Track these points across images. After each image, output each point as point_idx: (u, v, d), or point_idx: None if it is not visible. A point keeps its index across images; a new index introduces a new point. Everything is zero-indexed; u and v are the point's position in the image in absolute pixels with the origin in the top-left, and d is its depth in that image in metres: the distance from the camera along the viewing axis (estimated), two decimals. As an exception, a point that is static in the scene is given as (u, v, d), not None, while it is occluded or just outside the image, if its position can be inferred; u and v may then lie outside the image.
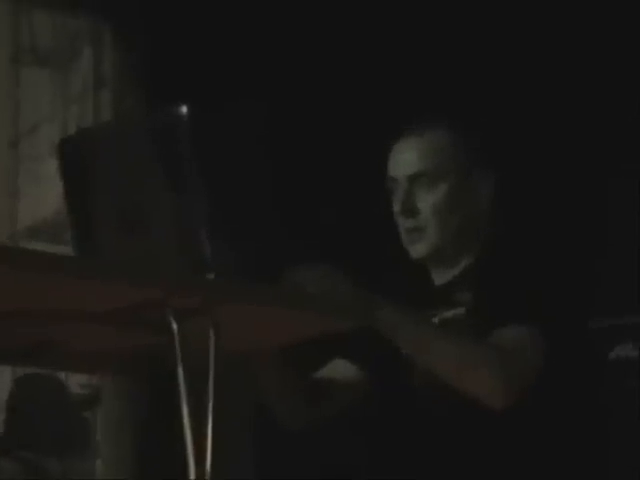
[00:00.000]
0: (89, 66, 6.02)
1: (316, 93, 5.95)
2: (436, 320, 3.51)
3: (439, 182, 3.49)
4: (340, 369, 3.60)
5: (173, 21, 5.65)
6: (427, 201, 3.47)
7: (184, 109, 2.87)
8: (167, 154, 2.97)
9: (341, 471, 3.95)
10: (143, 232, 2.84)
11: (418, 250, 3.52)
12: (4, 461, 5.36)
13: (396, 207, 3.56)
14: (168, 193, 2.88)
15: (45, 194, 3.49)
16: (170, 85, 4.56)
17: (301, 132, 5.63)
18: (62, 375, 6.79)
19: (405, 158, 3.53)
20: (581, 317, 3.68)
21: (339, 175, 4.43)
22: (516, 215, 3.95)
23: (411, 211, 3.50)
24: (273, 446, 4.74)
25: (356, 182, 4.31)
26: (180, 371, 2.77)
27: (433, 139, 3.54)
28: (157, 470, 4.25)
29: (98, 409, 5.86)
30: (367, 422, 3.74)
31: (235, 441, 3.33)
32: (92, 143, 3.08)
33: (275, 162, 4.59)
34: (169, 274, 2.86)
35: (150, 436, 4.69)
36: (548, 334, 3.24)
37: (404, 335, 3.26)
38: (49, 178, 3.27)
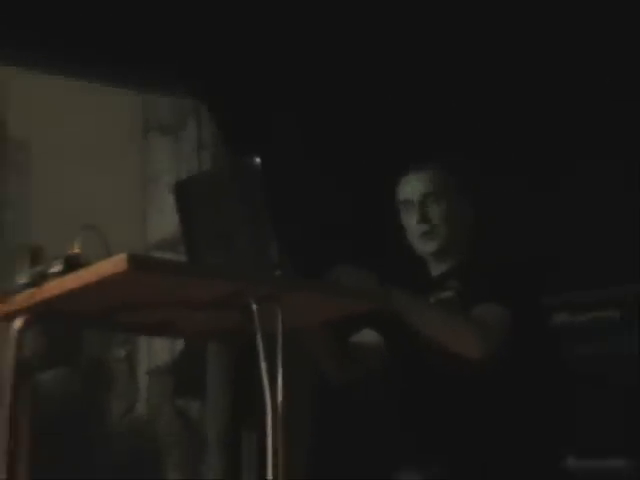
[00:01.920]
0: (193, 134, 6.29)
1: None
2: (433, 300, 3.68)
3: (442, 199, 3.68)
4: (367, 337, 3.79)
5: (248, 99, 5.71)
6: (436, 212, 3.68)
7: (257, 160, 3.04)
8: (246, 192, 3.11)
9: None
10: (230, 246, 3.02)
11: (430, 247, 3.72)
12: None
13: (411, 219, 3.74)
14: (247, 219, 3.06)
15: (166, 220, 3.69)
16: (247, 145, 4.68)
17: (326, 171, 5.48)
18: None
19: (416, 184, 3.73)
20: (534, 297, 3.75)
21: (356, 203, 4.48)
22: (488, 228, 3.87)
23: (425, 219, 3.68)
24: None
25: (367, 209, 4.37)
26: (259, 338, 2.90)
27: (432, 173, 3.74)
28: (245, 409, 4.30)
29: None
30: (386, 377, 3.83)
31: (297, 388, 3.46)
32: (196, 185, 3.29)
33: (306, 196, 4.61)
34: (250, 273, 3.04)
35: (240, 385, 4.71)
36: (510, 308, 3.42)
37: (412, 312, 3.43)
38: (168, 209, 3.47)
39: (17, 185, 11.53)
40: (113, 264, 2.76)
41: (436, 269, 3.83)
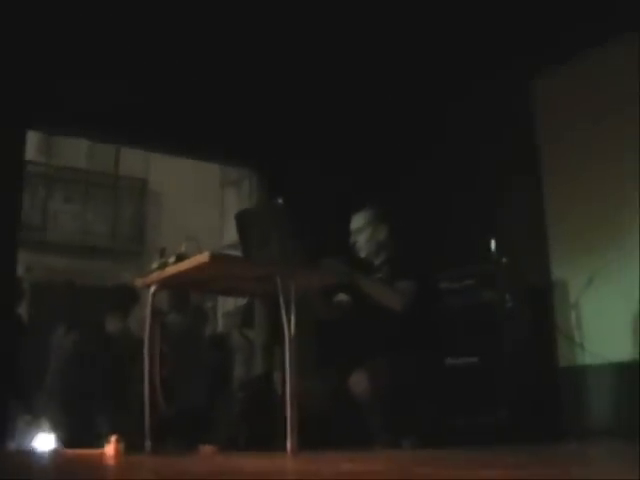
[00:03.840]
0: (247, 186, 6.79)
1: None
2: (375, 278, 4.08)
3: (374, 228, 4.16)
4: (341, 297, 4.18)
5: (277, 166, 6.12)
6: (372, 236, 4.18)
7: (280, 201, 3.67)
8: (276, 219, 3.68)
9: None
10: (266, 249, 3.55)
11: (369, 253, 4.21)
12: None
13: (361, 239, 4.21)
14: (277, 234, 3.59)
15: (233, 232, 3.98)
16: (276, 192, 4.74)
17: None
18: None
19: (360, 220, 4.21)
20: (429, 275, 4.29)
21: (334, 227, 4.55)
22: (400, 239, 4.28)
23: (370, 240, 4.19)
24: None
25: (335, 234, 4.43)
26: (281, 298, 3.48)
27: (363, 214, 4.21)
28: (275, 334, 4.36)
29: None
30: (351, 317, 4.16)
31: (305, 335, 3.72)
32: (248, 215, 3.83)
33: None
34: (276, 263, 3.54)
35: (273, 322, 4.83)
36: (415, 283, 3.95)
37: (365, 285, 3.94)
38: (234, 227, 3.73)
39: (154, 215, 12.51)
40: (202, 258, 3.42)
41: (375, 261, 4.23)
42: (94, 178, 12.65)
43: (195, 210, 11.60)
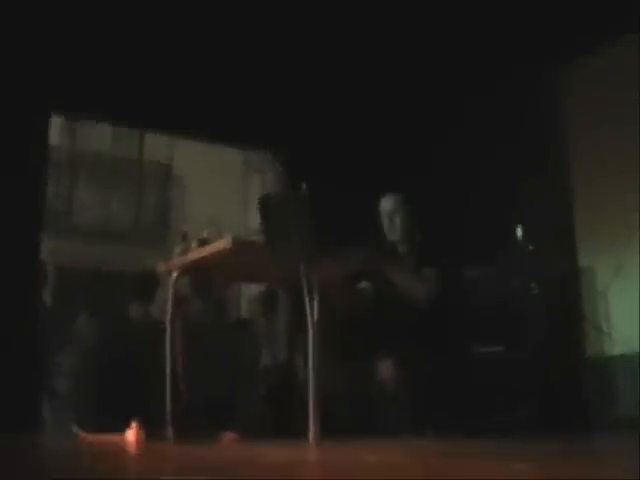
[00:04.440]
0: (271, 171, 6.74)
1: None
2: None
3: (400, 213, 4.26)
4: (365, 284, 4.20)
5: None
6: (398, 220, 4.27)
7: (304, 187, 3.67)
8: (300, 210, 3.68)
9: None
10: (288, 236, 3.55)
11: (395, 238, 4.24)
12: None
13: (387, 223, 4.28)
14: (297, 223, 3.65)
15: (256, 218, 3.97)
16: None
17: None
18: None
19: (387, 204, 4.29)
20: (454, 262, 4.40)
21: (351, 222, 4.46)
22: (426, 225, 4.33)
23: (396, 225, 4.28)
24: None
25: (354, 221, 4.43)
26: (304, 284, 3.52)
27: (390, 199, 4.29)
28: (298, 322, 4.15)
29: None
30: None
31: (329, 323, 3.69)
32: (271, 202, 3.80)
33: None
34: (298, 252, 3.57)
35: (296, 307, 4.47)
36: (439, 271, 4.06)
37: (389, 273, 4.03)
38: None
39: (178, 200, 12.52)
40: (224, 243, 3.43)
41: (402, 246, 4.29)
42: (118, 163, 12.68)
43: (219, 196, 11.60)
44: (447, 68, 6.06)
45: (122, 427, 3.92)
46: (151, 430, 3.75)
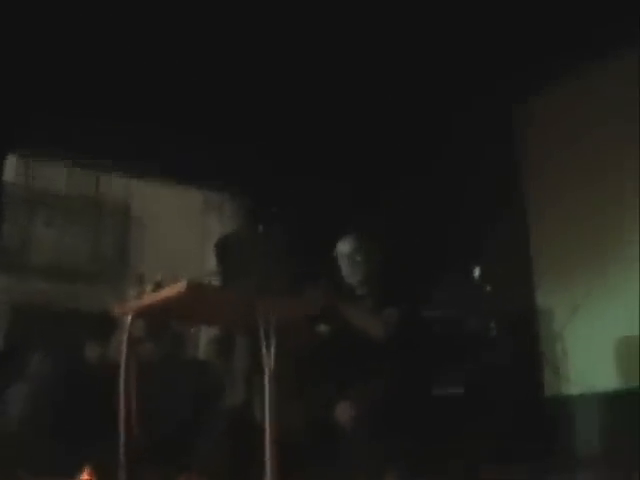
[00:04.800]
0: (229, 210, 6.79)
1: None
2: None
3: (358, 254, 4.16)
4: (324, 324, 4.13)
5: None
6: (356, 262, 4.17)
7: (261, 228, 3.75)
8: (256, 251, 3.86)
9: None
10: (246, 278, 3.64)
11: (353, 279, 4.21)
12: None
13: (345, 264, 4.20)
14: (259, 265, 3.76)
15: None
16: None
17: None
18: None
19: (345, 246, 4.21)
20: (413, 302, 4.29)
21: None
22: (385, 266, 4.26)
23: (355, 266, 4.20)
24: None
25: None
26: (261, 332, 3.45)
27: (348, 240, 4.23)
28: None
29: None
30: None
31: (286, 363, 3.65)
32: (227, 244, 3.92)
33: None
34: (257, 293, 3.67)
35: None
36: (398, 311, 3.94)
37: (348, 312, 3.96)
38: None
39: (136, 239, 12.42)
40: (179, 287, 3.36)
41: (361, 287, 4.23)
42: (75, 201, 12.58)
43: (177, 234, 11.54)
44: (398, 106, 6.12)
45: (72, 470, 3.83)
46: (104, 473, 3.68)
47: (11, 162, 8.71)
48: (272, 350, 3.43)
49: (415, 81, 5.88)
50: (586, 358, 5.37)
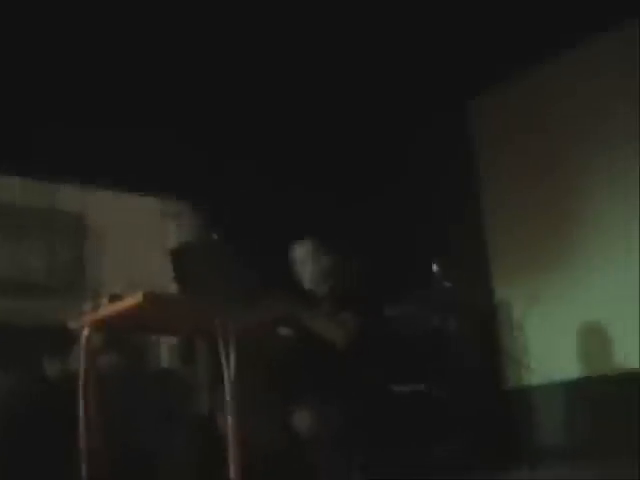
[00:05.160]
0: (187, 219, 6.67)
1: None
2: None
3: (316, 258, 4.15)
4: (284, 331, 4.08)
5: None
6: (314, 266, 4.16)
7: (215, 236, 3.71)
8: (212, 259, 3.70)
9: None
10: (202, 286, 3.50)
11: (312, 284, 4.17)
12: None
13: (303, 269, 4.19)
14: (216, 273, 3.57)
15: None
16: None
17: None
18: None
19: (302, 250, 4.19)
20: (374, 303, 4.34)
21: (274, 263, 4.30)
22: (343, 268, 4.22)
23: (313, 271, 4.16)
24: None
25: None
26: (220, 342, 3.39)
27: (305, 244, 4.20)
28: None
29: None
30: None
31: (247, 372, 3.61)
32: (182, 252, 3.77)
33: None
34: (215, 302, 3.49)
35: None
36: (358, 315, 3.90)
37: (307, 319, 3.90)
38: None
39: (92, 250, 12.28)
40: (135, 298, 3.30)
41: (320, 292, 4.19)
42: (28, 214, 12.39)
43: (134, 244, 11.42)
44: (348, 104, 6.07)
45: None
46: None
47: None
48: (232, 359, 3.39)
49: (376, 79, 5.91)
50: (546, 348, 5.44)
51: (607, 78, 5.29)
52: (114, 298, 3.54)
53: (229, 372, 3.39)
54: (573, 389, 5.24)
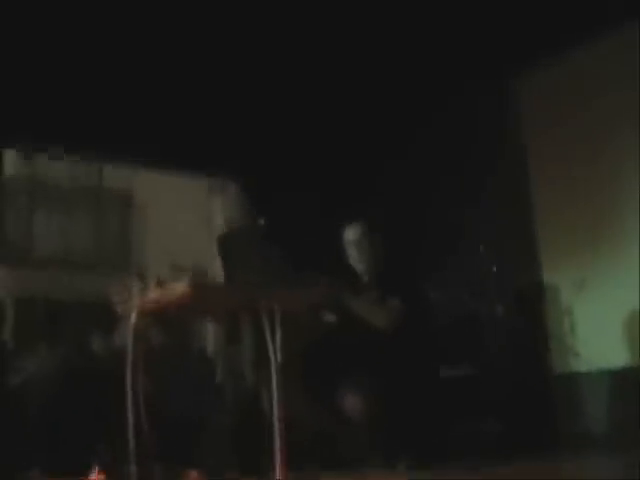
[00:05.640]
0: (233, 198, 6.76)
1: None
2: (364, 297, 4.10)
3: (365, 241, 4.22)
4: (329, 315, 4.17)
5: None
6: (363, 249, 4.22)
7: (262, 221, 3.68)
8: (258, 244, 3.74)
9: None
10: (248, 272, 3.59)
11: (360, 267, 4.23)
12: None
13: (352, 252, 4.23)
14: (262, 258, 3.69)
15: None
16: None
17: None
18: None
19: (351, 233, 4.25)
20: (419, 287, 4.28)
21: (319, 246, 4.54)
22: (390, 252, 4.29)
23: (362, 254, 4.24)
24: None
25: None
26: (266, 325, 3.51)
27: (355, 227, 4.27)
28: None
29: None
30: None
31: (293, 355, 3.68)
32: (229, 239, 3.86)
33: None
34: (260, 287, 3.57)
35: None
36: (403, 300, 3.96)
37: (352, 304, 4.00)
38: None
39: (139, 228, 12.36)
40: (181, 287, 3.41)
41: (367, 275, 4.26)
42: (77, 192, 12.52)
43: (181, 221, 11.44)
44: (397, 90, 6.06)
45: (81, 468, 3.90)
46: (113, 470, 3.76)
47: (11, 155, 8.69)
48: (277, 342, 3.45)
49: (410, 63, 5.90)
50: (594, 334, 5.37)
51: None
52: (161, 283, 3.53)
53: (275, 353, 3.45)
54: (619, 377, 5.17)
